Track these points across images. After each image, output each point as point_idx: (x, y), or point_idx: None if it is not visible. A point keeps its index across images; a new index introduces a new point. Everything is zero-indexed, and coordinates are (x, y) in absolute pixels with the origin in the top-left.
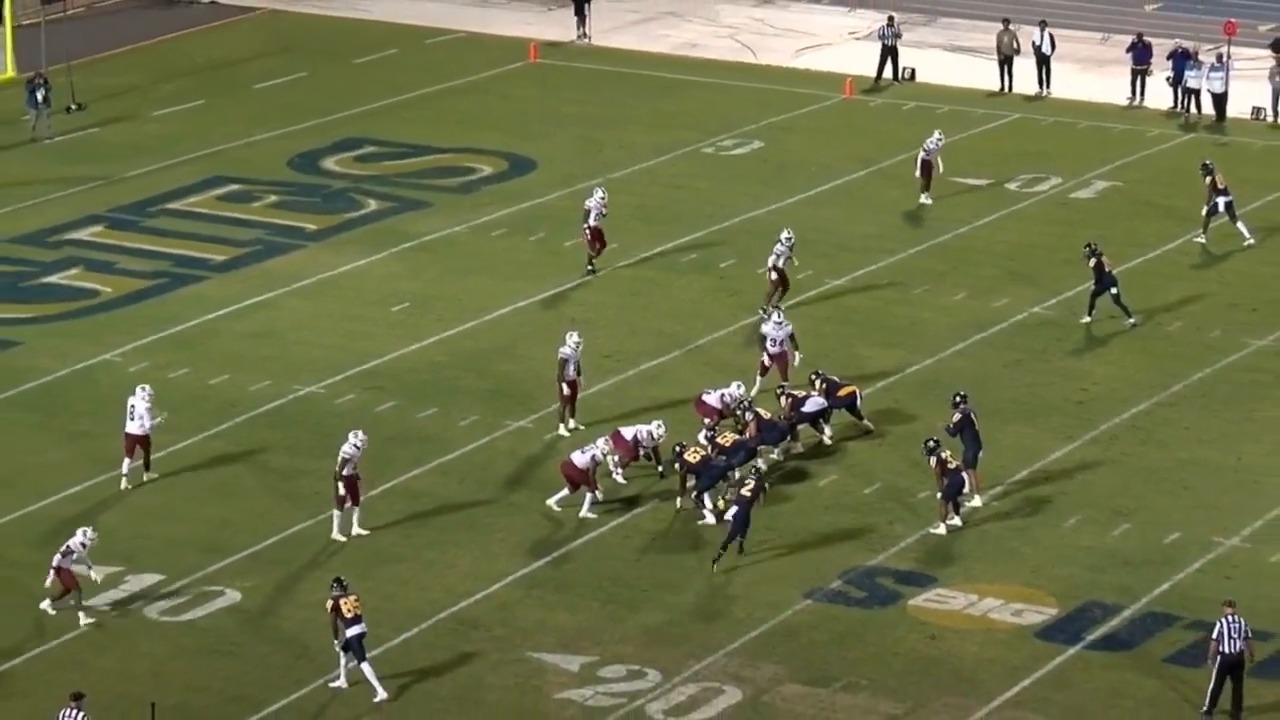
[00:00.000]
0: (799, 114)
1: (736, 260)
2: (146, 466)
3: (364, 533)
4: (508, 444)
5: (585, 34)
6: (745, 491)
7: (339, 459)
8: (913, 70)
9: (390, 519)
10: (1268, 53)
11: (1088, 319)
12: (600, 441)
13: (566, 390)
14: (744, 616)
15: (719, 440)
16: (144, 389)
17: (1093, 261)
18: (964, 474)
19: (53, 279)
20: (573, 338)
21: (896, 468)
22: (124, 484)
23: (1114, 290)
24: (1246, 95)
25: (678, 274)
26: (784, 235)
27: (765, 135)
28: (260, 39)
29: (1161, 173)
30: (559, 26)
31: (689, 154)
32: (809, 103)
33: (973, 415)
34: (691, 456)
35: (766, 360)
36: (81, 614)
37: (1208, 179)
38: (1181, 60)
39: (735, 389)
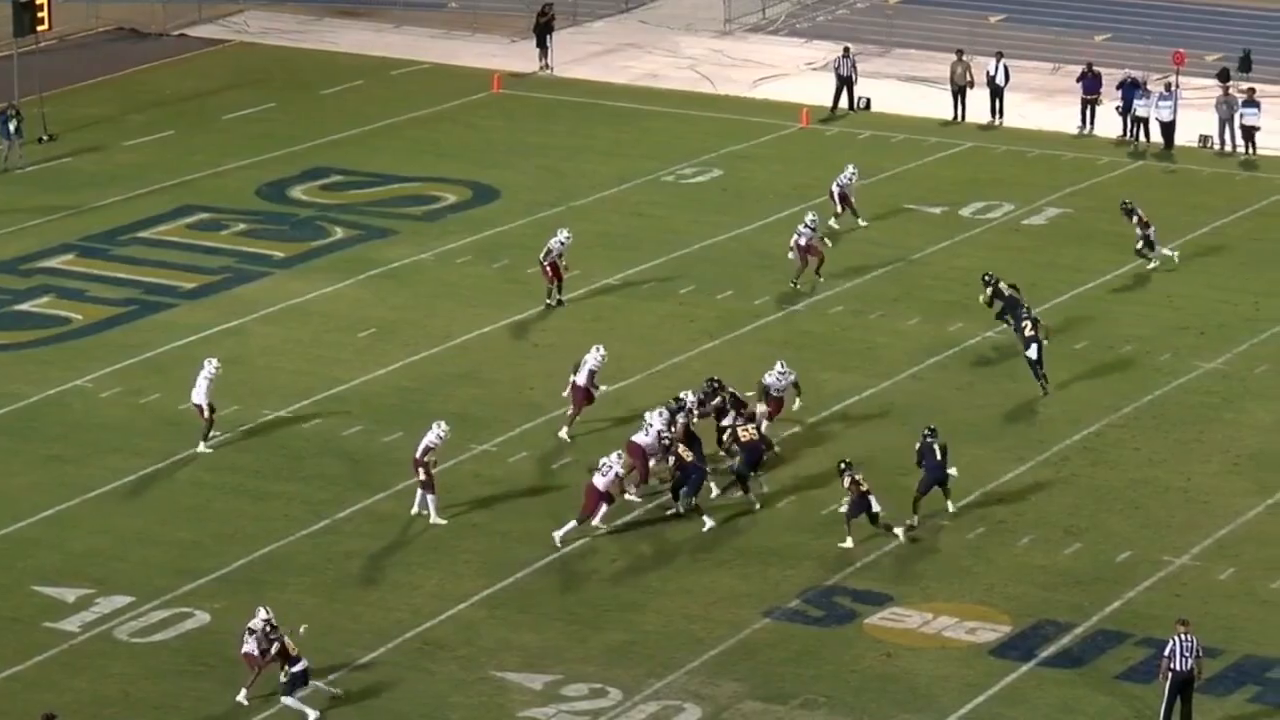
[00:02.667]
0: (757, 143)
1: (695, 286)
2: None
3: (441, 521)
4: (472, 467)
5: (548, 65)
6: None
7: (422, 447)
8: (868, 100)
9: (358, 541)
10: (1214, 82)
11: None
12: (614, 457)
13: (580, 400)
14: (704, 635)
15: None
16: (211, 362)
17: (989, 291)
18: (871, 497)
19: (25, 307)
20: (599, 351)
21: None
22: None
23: (1022, 319)
24: (1194, 124)
25: (638, 300)
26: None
27: (724, 164)
28: (229, 71)
29: (1111, 200)
30: (522, 58)
31: (649, 182)
32: (767, 132)
33: (935, 447)
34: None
35: (767, 407)
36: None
37: (1133, 218)
38: (1130, 90)
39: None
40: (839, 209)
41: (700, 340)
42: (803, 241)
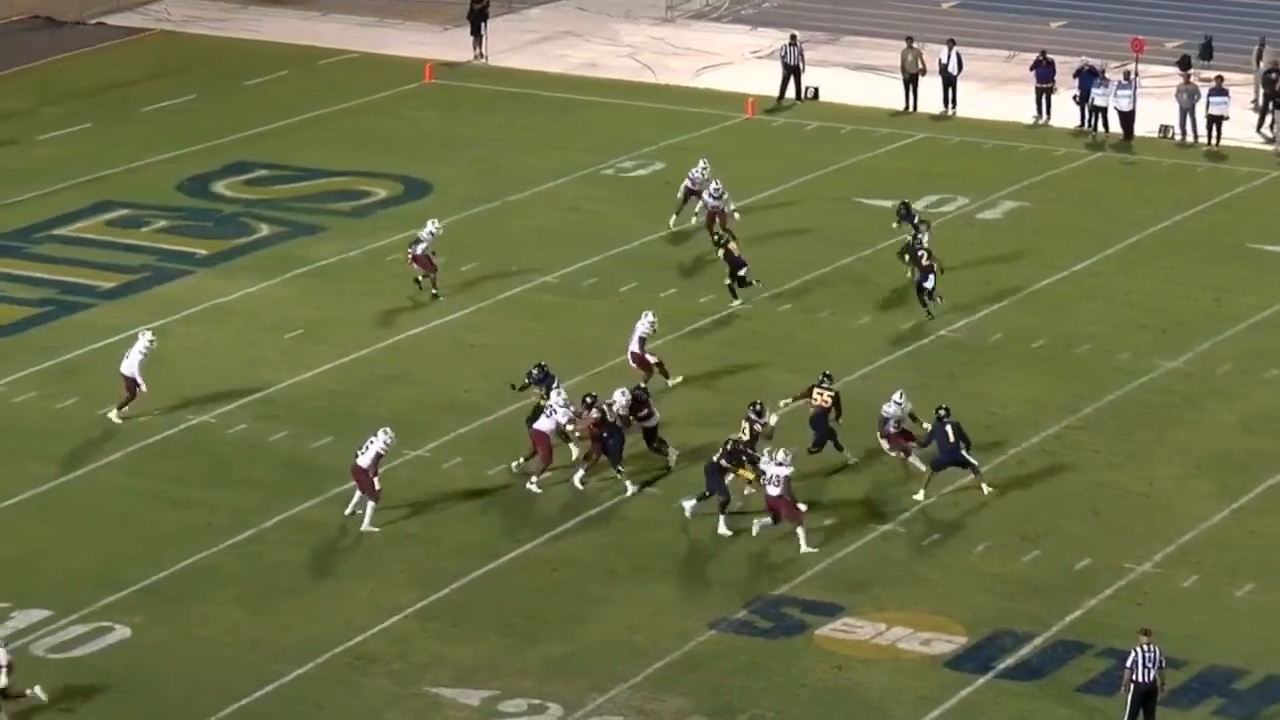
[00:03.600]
0: (700, 134)
1: (638, 283)
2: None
3: (374, 530)
4: (405, 473)
5: (482, 54)
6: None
7: (372, 455)
8: (816, 89)
9: (286, 550)
10: (1175, 70)
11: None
12: (559, 400)
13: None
14: (648, 648)
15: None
16: (146, 335)
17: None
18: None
19: None
20: (649, 317)
21: (800, 496)
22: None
23: (918, 249)
24: (1154, 113)
25: (578, 298)
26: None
27: (666, 156)
28: (149, 61)
29: (1069, 192)
30: (455, 47)
31: (588, 176)
32: (710, 123)
33: (947, 428)
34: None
35: (888, 443)
36: None
37: (909, 255)
38: (1088, 78)
39: (620, 396)
40: (681, 204)
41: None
42: (711, 203)
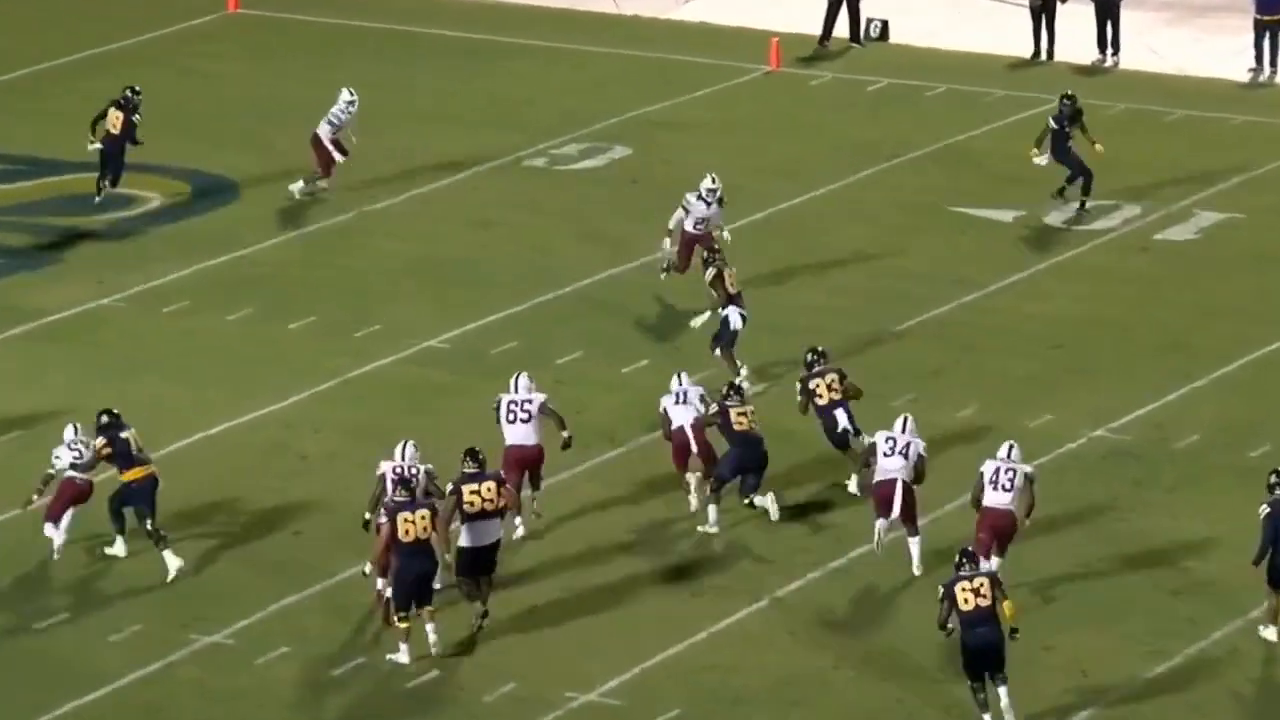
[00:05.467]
0: (688, 100)
1: (582, 353)
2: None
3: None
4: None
5: None
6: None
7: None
8: (884, 24)
9: None
10: None
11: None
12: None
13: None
14: None
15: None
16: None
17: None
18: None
19: None
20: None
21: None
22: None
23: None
24: None
25: (482, 375)
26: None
27: (631, 136)
28: None
29: None
30: None
31: (503, 168)
32: (706, 81)
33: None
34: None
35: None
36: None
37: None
38: None
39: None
40: (684, 263)
41: (589, 454)
42: (688, 224)
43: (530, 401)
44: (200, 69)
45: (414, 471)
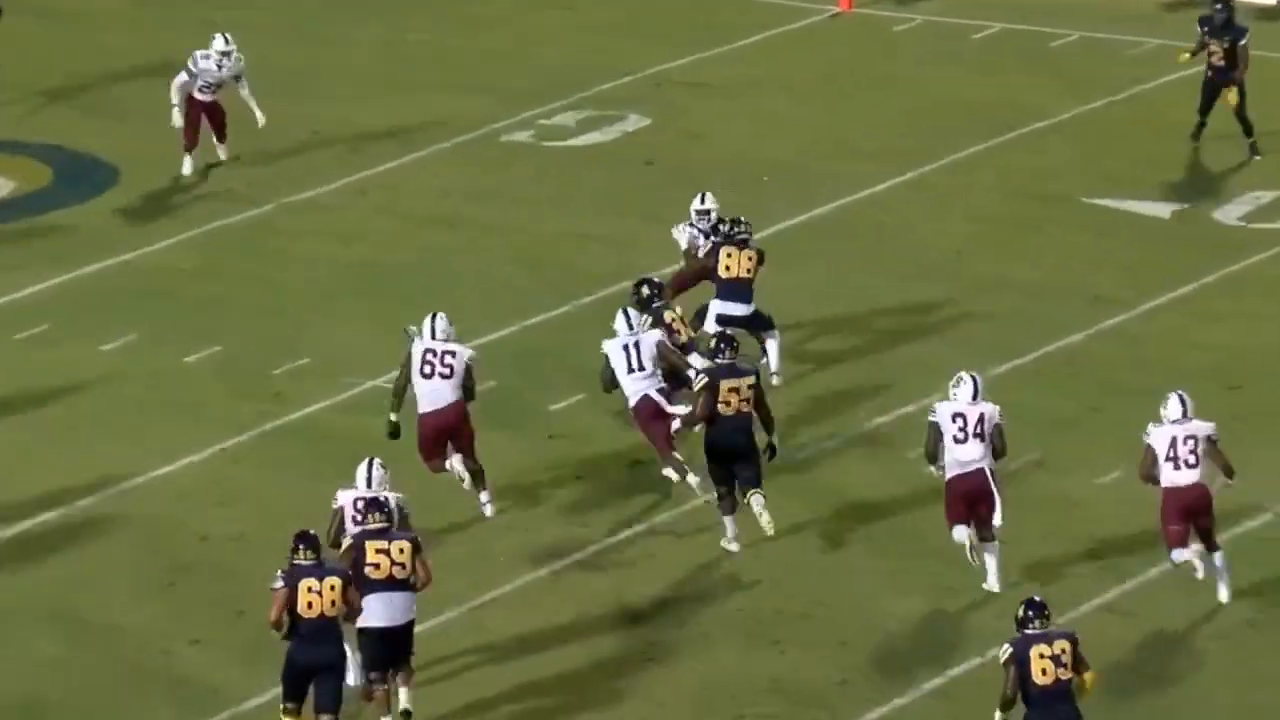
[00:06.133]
0: (726, 52)
1: (584, 394)
2: None
3: None
4: None
5: None
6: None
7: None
8: None
9: None
10: None
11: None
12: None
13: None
14: None
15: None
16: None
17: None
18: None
19: None
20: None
21: None
22: None
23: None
24: None
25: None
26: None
27: (648, 102)
28: None
29: None
30: None
31: (473, 144)
32: (751, 26)
33: None
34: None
35: None
36: None
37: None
38: None
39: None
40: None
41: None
42: (683, 243)
43: (454, 354)
44: (65, 8)
45: (384, 499)
